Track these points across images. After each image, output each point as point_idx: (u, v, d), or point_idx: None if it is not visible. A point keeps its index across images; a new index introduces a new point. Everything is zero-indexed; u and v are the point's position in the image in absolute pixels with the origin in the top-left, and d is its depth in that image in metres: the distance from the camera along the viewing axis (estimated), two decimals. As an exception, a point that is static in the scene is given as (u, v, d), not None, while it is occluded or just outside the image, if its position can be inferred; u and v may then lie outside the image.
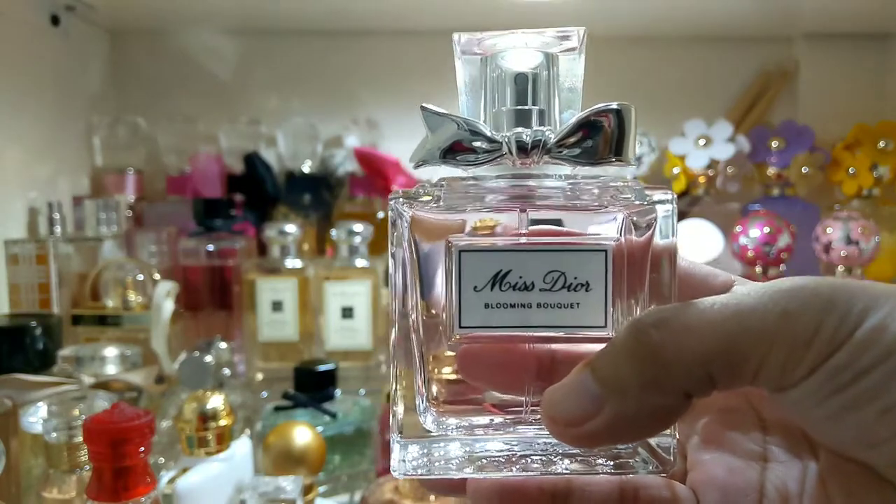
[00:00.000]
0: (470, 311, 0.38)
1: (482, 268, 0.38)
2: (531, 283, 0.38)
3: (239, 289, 1.25)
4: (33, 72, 1.29)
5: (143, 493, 0.65)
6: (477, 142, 0.39)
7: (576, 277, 0.38)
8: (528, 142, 0.38)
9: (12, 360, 0.97)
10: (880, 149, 1.43)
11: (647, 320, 0.34)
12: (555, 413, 0.35)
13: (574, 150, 0.38)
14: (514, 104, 0.40)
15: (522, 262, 0.38)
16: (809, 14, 1.49)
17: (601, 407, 0.33)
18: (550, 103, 0.40)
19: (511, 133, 0.39)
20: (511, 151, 0.39)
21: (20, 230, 1.24)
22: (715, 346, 0.32)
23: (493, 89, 0.42)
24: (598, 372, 0.34)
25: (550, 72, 0.41)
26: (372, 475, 0.96)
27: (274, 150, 1.53)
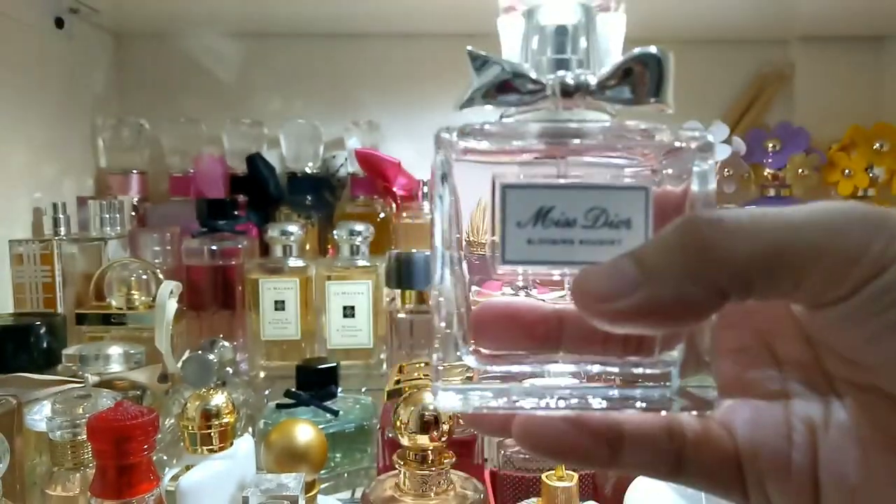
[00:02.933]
0: (513, 246, 0.38)
1: (526, 204, 0.38)
2: (573, 219, 0.38)
3: (242, 288, 1.26)
4: (38, 74, 1.30)
5: (147, 491, 0.66)
6: (521, 83, 0.39)
7: (617, 214, 0.37)
8: (571, 83, 0.39)
9: (17, 358, 0.98)
10: (876, 150, 1.43)
11: (702, 216, 0.33)
12: (586, 286, 0.35)
13: (616, 91, 0.39)
14: (554, 54, 0.41)
15: (565, 198, 0.38)
16: (805, 17, 1.49)
17: (635, 289, 0.33)
18: (589, 55, 0.41)
19: (554, 76, 0.39)
20: (555, 93, 0.39)
21: (25, 230, 1.25)
22: (763, 250, 0.32)
23: (533, 42, 0.42)
24: (638, 257, 0.34)
25: (590, 26, 0.41)
26: (373, 472, 0.97)
27: (276, 152, 1.53)
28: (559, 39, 0.41)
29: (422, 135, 1.60)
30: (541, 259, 0.38)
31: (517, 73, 0.39)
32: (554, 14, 0.41)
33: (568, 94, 0.39)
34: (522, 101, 0.40)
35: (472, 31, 1.58)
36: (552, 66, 0.40)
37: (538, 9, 0.42)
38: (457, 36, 1.58)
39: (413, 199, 1.48)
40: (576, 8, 0.41)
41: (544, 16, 0.42)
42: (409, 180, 1.49)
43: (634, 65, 0.38)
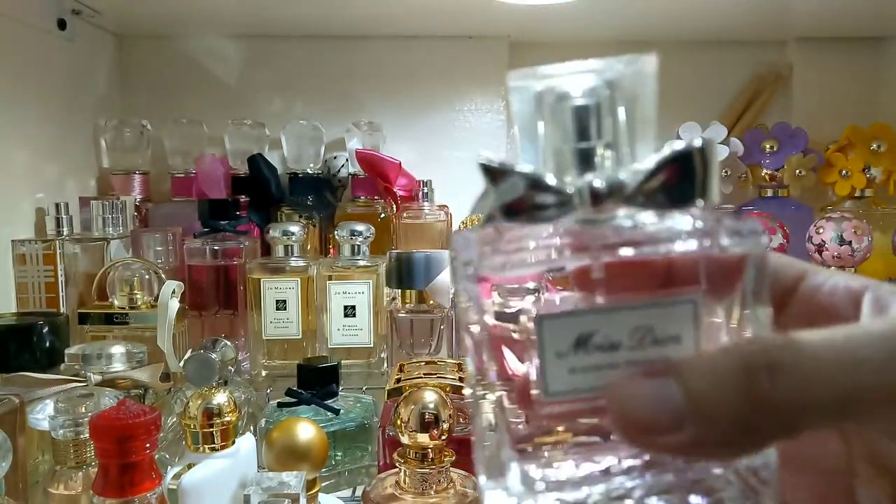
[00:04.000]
0: (555, 377, 0.35)
1: (565, 332, 0.34)
2: (617, 341, 0.34)
3: (243, 288, 1.26)
4: (40, 75, 1.30)
5: (149, 489, 0.66)
6: (544, 196, 0.35)
7: (664, 331, 0.34)
8: (602, 189, 0.34)
9: (20, 358, 0.98)
10: (873, 150, 1.44)
11: (761, 361, 0.30)
12: (627, 412, 0.32)
13: (656, 195, 0.34)
14: (576, 140, 0.36)
15: (606, 321, 0.34)
16: (803, 18, 1.49)
17: (682, 424, 0.30)
18: (618, 137, 0.36)
19: (581, 180, 0.35)
20: (583, 201, 0.34)
21: (28, 230, 1.25)
22: (829, 400, 0.30)
23: (552, 125, 0.37)
24: (687, 387, 0.31)
25: (616, 101, 0.37)
26: (373, 470, 0.97)
27: (278, 152, 1.54)
28: (581, 123, 0.36)
29: (422, 135, 1.61)
30: (586, 387, 0.35)
31: (538, 183, 0.35)
32: (573, 91, 0.37)
33: (599, 201, 0.34)
34: (548, 217, 0.35)
35: (472, 32, 1.60)
36: (575, 158, 0.36)
37: (555, 87, 0.38)
38: (457, 37, 1.59)
39: (413, 199, 1.49)
40: (598, 83, 0.37)
41: (562, 93, 0.37)
42: (409, 181, 1.50)
43: (676, 164, 0.34)
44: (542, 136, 0.37)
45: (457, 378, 0.93)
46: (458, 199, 1.52)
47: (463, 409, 0.90)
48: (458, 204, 1.50)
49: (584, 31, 1.57)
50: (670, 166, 0.34)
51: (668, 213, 0.35)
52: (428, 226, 1.46)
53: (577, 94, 0.37)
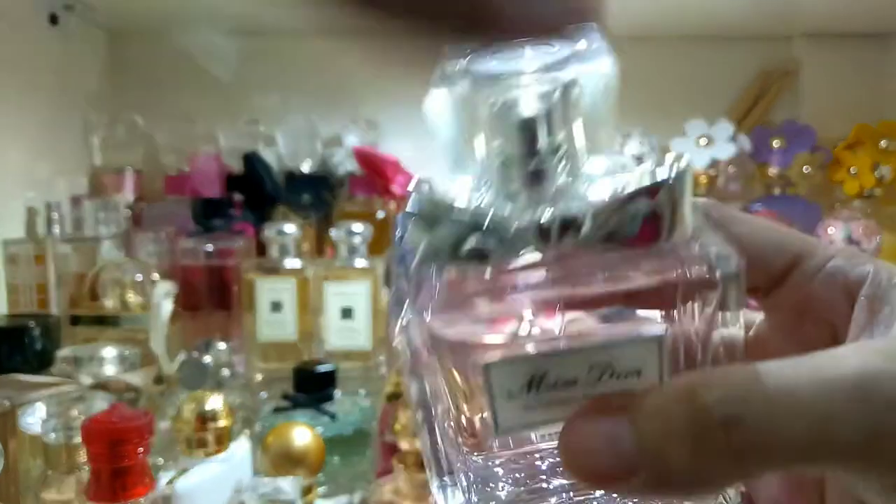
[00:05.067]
0: (507, 416, 0.32)
1: (513, 377, 0.32)
2: (573, 378, 0.32)
3: (238, 289, 1.25)
4: (32, 71, 1.29)
5: (142, 494, 0.65)
6: (486, 240, 0.30)
7: (625, 367, 0.32)
8: (554, 227, 0.30)
9: (11, 360, 0.98)
10: (882, 148, 1.44)
11: (717, 413, 0.28)
12: (578, 456, 0.30)
13: (616, 235, 0.30)
14: (523, 156, 0.31)
15: (560, 364, 0.32)
16: (810, 14, 1.49)
17: (634, 471, 0.28)
18: (572, 144, 0.32)
19: (528, 218, 0.30)
20: (533, 243, 0.30)
21: (19, 230, 1.24)
22: (792, 453, 0.28)
23: (493, 135, 0.32)
24: (639, 434, 0.29)
25: (569, 107, 0.32)
26: (371, 476, 0.97)
27: (273, 150, 1.53)
28: (528, 136, 0.31)
29: (420, 133, 1.59)
30: (540, 421, 0.32)
31: (479, 226, 0.30)
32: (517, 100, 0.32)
33: (548, 241, 0.30)
34: (494, 260, 0.30)
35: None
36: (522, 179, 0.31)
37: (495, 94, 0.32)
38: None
39: (412, 198, 1.48)
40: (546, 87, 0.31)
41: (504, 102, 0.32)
42: (407, 178, 1.49)
43: (639, 201, 0.30)
44: (481, 149, 0.33)
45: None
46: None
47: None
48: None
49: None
50: (632, 203, 0.30)
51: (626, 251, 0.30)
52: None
53: (523, 102, 0.31)
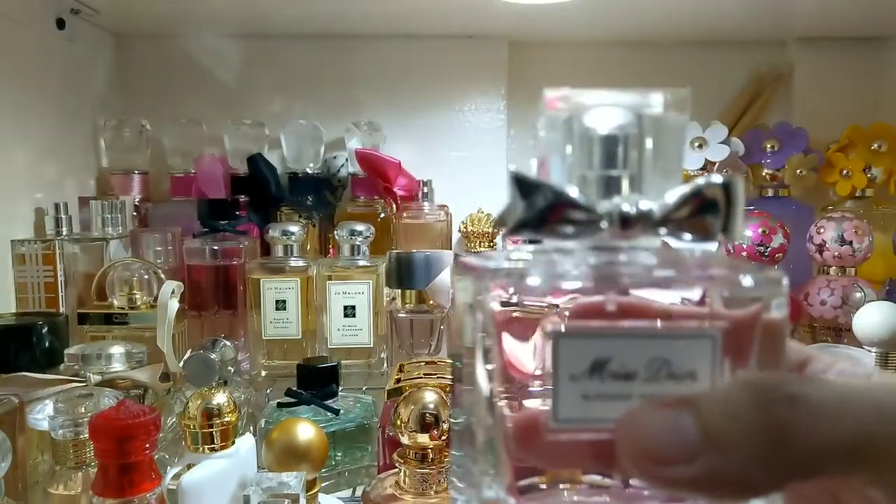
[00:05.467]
0: (567, 402, 0.34)
1: (580, 354, 0.33)
2: (633, 371, 0.33)
3: (243, 288, 1.26)
4: (39, 74, 1.30)
5: (149, 489, 0.66)
6: (573, 213, 0.35)
7: (681, 365, 0.33)
8: (631, 214, 0.34)
9: (19, 358, 0.98)
10: (874, 150, 1.44)
11: (780, 393, 0.29)
12: (639, 440, 0.31)
13: (681, 225, 0.34)
14: (602, 168, 0.36)
15: (624, 348, 0.33)
16: (804, 17, 1.49)
17: (695, 457, 0.29)
18: (642, 169, 0.36)
19: (612, 204, 0.35)
20: (612, 225, 0.34)
21: (27, 230, 1.25)
22: (848, 441, 0.29)
23: (579, 151, 0.37)
24: (703, 419, 0.30)
25: (644, 134, 0.36)
26: (373, 471, 0.97)
27: (277, 152, 1.54)
28: (609, 151, 0.36)
29: (422, 135, 1.60)
30: (597, 417, 0.34)
31: (568, 201, 0.35)
32: (602, 119, 0.37)
33: (627, 226, 0.34)
34: (574, 234, 0.35)
35: (472, 31, 1.60)
36: (601, 186, 0.36)
37: (582, 114, 0.37)
38: (457, 37, 1.59)
39: (413, 199, 1.49)
40: (627, 114, 0.36)
41: (590, 122, 0.37)
42: (409, 180, 1.50)
43: (703, 196, 0.34)
44: (570, 160, 0.37)
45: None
46: (458, 198, 1.52)
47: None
48: (458, 204, 1.50)
49: (584, 31, 1.58)
50: (696, 199, 0.34)
51: (691, 246, 0.35)
52: (428, 226, 1.46)
53: (607, 124, 0.36)
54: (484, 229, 1.44)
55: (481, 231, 1.43)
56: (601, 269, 0.35)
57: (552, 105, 0.39)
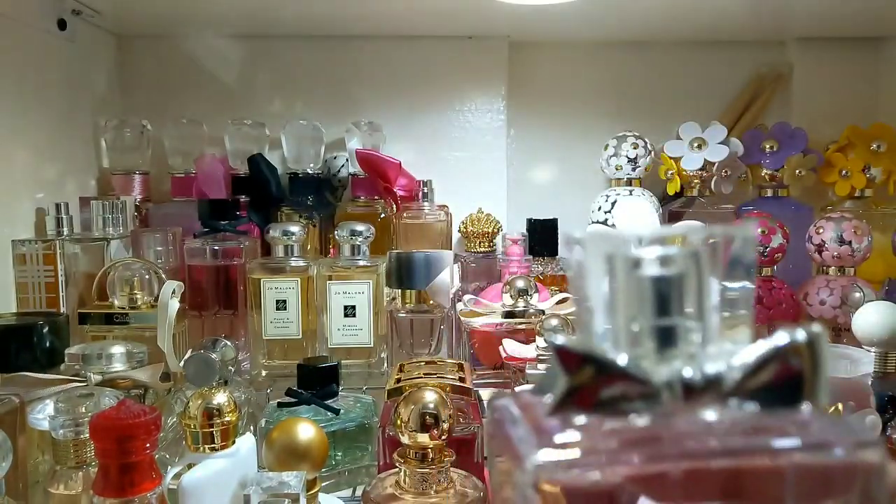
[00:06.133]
0: None
1: None
2: None
3: (244, 288, 1.26)
4: (41, 75, 1.30)
5: (149, 489, 0.66)
6: (627, 387, 0.31)
7: None
8: (697, 382, 0.30)
9: (20, 357, 0.98)
10: (873, 150, 1.44)
11: None
12: None
13: (758, 395, 0.30)
14: (657, 316, 0.32)
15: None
16: (803, 18, 1.50)
17: None
18: (704, 315, 0.32)
19: (671, 370, 0.31)
20: (672, 396, 0.30)
21: (28, 230, 1.25)
22: None
23: (629, 297, 0.32)
24: None
25: (703, 276, 0.32)
26: (373, 470, 0.97)
27: (278, 152, 1.54)
28: (661, 295, 0.32)
29: (422, 135, 1.61)
30: None
31: (621, 373, 0.31)
32: (654, 262, 0.32)
33: (691, 397, 0.30)
34: (632, 409, 0.31)
35: (472, 32, 1.60)
36: (656, 336, 0.32)
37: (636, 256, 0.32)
38: (457, 37, 1.60)
39: (413, 199, 1.49)
40: (681, 257, 0.32)
41: (642, 263, 0.32)
42: (409, 181, 1.50)
43: (782, 360, 0.30)
44: (616, 305, 0.32)
45: (457, 378, 0.93)
46: (458, 199, 1.52)
47: (463, 409, 0.90)
48: (458, 204, 1.51)
49: (584, 31, 1.58)
50: (775, 362, 0.30)
51: (769, 414, 0.30)
52: (428, 226, 1.47)
53: (659, 263, 0.32)
54: (484, 229, 1.44)
55: (481, 231, 1.44)
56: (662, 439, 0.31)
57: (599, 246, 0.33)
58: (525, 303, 1.14)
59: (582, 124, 1.65)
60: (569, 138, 1.66)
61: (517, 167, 1.67)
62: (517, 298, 1.14)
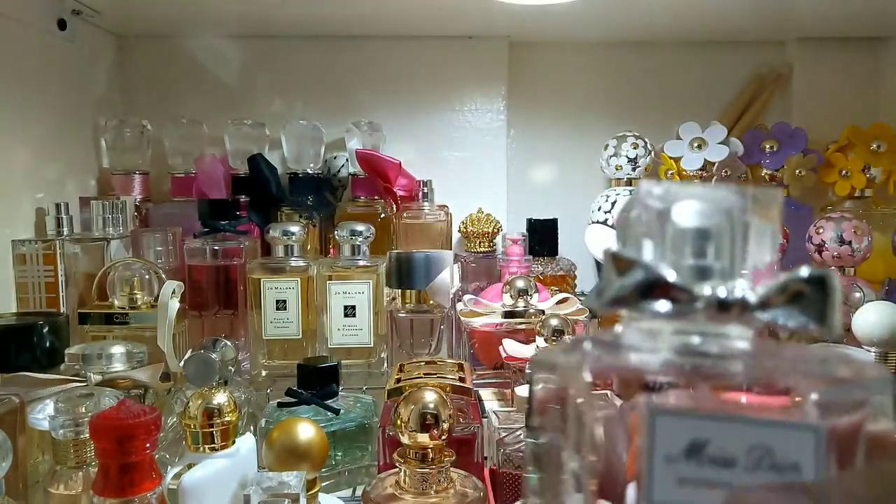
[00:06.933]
0: (662, 485, 0.32)
1: (677, 434, 0.32)
2: (733, 457, 0.32)
3: (244, 288, 1.27)
4: (41, 75, 1.30)
5: (149, 489, 0.66)
6: (671, 293, 0.34)
7: (783, 456, 0.31)
8: (729, 300, 0.34)
9: (20, 357, 0.98)
10: (873, 150, 1.44)
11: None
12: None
13: (776, 313, 0.34)
14: (694, 259, 0.35)
15: (724, 432, 0.32)
16: (803, 18, 1.50)
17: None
18: (734, 262, 0.36)
19: (709, 287, 0.34)
20: (708, 307, 0.34)
21: (28, 230, 1.25)
22: None
23: (672, 242, 0.36)
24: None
25: (735, 228, 0.36)
26: (373, 470, 0.97)
27: (278, 152, 1.54)
28: (700, 243, 0.35)
29: (422, 135, 1.61)
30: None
31: (667, 281, 0.34)
32: (694, 213, 0.36)
33: (723, 310, 0.34)
34: (671, 313, 0.34)
35: (472, 32, 1.60)
36: (692, 275, 0.35)
37: (674, 208, 0.36)
38: (457, 37, 1.60)
39: (413, 199, 1.49)
40: (718, 212, 0.36)
41: (682, 215, 0.36)
42: (409, 181, 1.50)
43: (801, 286, 0.33)
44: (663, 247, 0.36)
45: (457, 378, 0.93)
46: (458, 199, 1.52)
47: (463, 409, 0.90)
48: (458, 204, 1.51)
49: (584, 31, 1.58)
50: (794, 288, 0.33)
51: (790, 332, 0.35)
52: (428, 226, 1.47)
53: (700, 217, 0.36)
54: (484, 229, 1.44)
55: (481, 231, 1.44)
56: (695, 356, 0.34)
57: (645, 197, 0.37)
58: (525, 303, 1.14)
59: (582, 124, 1.66)
60: (569, 138, 1.67)
61: (517, 167, 1.68)
62: (517, 298, 1.14)
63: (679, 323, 0.35)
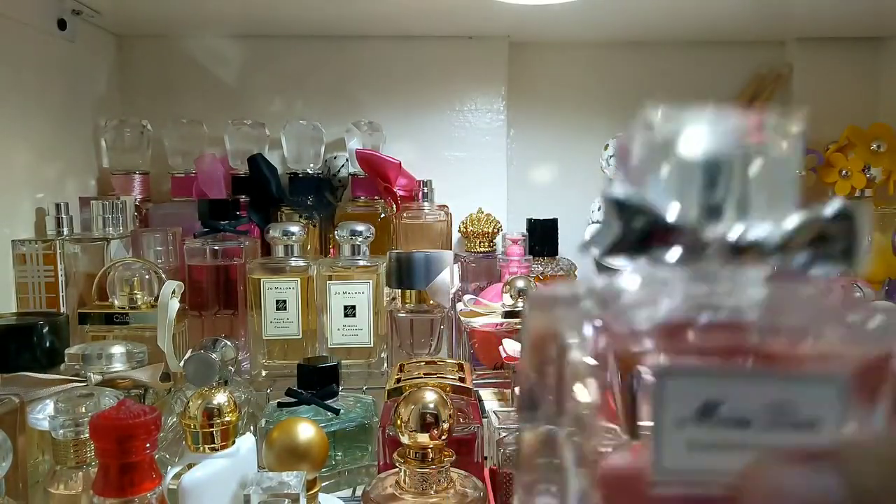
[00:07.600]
0: (671, 450, 0.30)
1: (688, 396, 0.30)
2: (748, 417, 0.29)
3: (244, 288, 1.27)
4: (41, 75, 1.30)
5: (149, 489, 0.66)
6: (677, 238, 0.32)
7: (804, 413, 0.29)
8: (742, 243, 0.31)
9: (20, 357, 0.98)
10: (873, 150, 1.44)
11: None
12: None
13: (797, 255, 0.31)
14: (704, 195, 0.33)
15: (738, 390, 0.30)
16: (803, 18, 1.50)
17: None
18: (747, 198, 0.33)
19: (721, 229, 0.32)
20: (719, 252, 0.31)
21: (28, 230, 1.25)
22: None
23: (679, 174, 0.33)
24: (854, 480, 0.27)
25: (747, 161, 0.33)
26: (373, 470, 0.97)
27: (278, 152, 1.54)
28: (709, 178, 0.33)
29: (422, 135, 1.61)
30: (706, 468, 0.30)
31: (672, 226, 0.32)
32: (705, 142, 0.34)
33: (738, 255, 0.31)
34: (677, 262, 0.32)
35: (472, 32, 1.60)
36: (703, 212, 0.32)
37: (679, 139, 0.34)
38: (457, 37, 1.60)
39: (413, 199, 1.49)
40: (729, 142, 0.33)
41: (688, 147, 0.34)
42: (409, 181, 1.50)
43: (825, 226, 0.31)
44: (667, 182, 0.33)
45: (457, 378, 0.93)
46: (458, 199, 1.52)
47: (463, 409, 0.90)
48: (458, 204, 1.51)
49: (584, 31, 1.58)
50: (817, 228, 0.31)
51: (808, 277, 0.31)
52: (428, 226, 1.47)
53: (710, 149, 0.33)
54: (484, 229, 1.44)
55: (481, 231, 1.44)
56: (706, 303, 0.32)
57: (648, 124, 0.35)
58: (525, 303, 1.14)
59: (582, 124, 1.66)
60: (569, 138, 1.67)
61: (517, 167, 1.67)
62: (517, 298, 1.14)
63: (687, 270, 0.32)
